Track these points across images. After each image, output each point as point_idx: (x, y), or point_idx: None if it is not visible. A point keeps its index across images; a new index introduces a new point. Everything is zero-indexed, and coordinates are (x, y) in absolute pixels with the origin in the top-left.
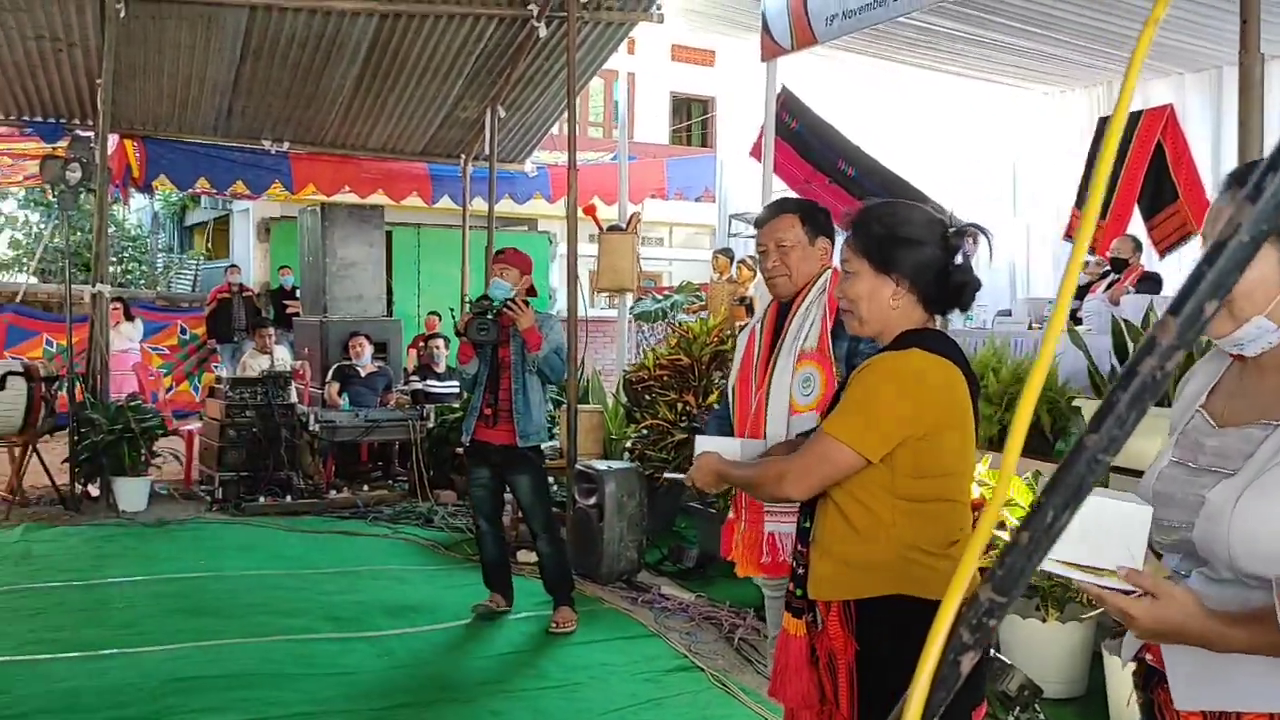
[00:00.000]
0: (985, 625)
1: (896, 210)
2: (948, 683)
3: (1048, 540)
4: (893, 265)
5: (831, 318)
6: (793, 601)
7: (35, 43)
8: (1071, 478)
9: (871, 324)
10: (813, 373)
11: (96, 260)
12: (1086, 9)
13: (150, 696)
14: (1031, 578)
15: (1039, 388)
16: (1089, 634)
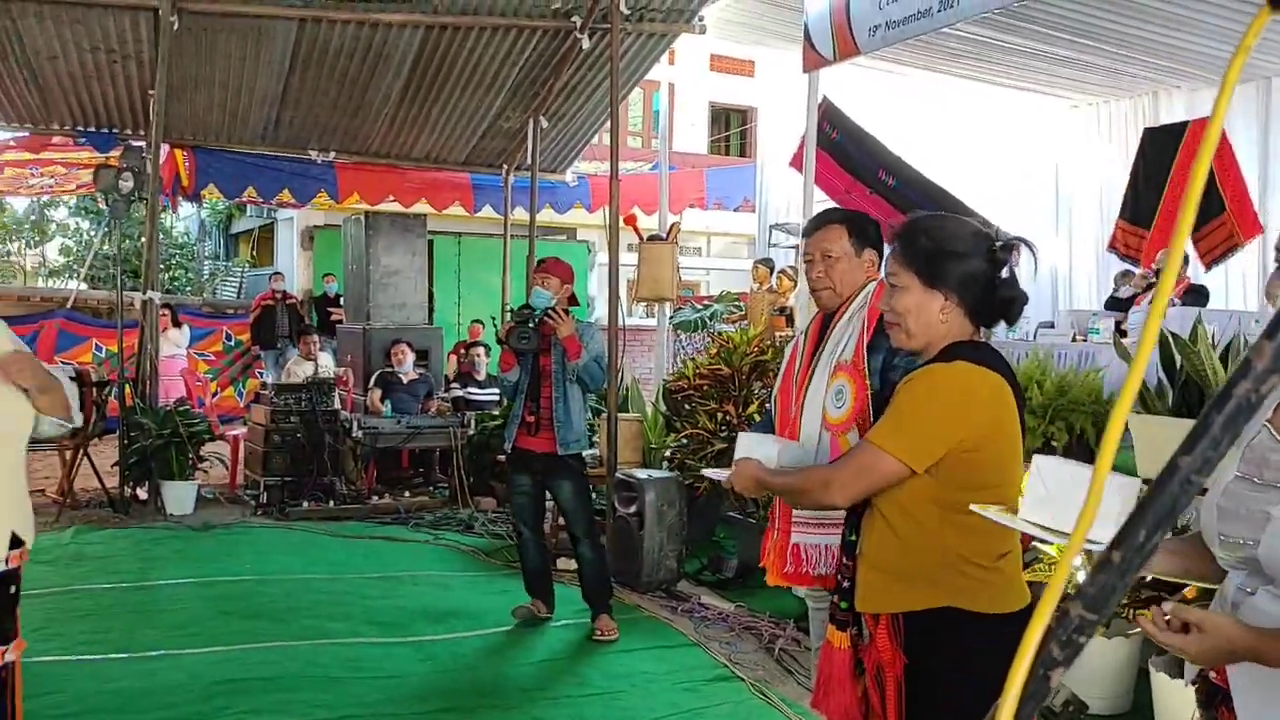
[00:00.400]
0: (1076, 642)
1: (944, 224)
2: (1037, 697)
3: (1139, 559)
4: (941, 279)
5: (870, 330)
6: (837, 614)
7: (91, 54)
8: (1165, 498)
9: (919, 337)
10: (845, 385)
11: (147, 267)
12: (1132, 19)
13: (199, 697)
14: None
15: (1128, 407)
16: (1135, 649)
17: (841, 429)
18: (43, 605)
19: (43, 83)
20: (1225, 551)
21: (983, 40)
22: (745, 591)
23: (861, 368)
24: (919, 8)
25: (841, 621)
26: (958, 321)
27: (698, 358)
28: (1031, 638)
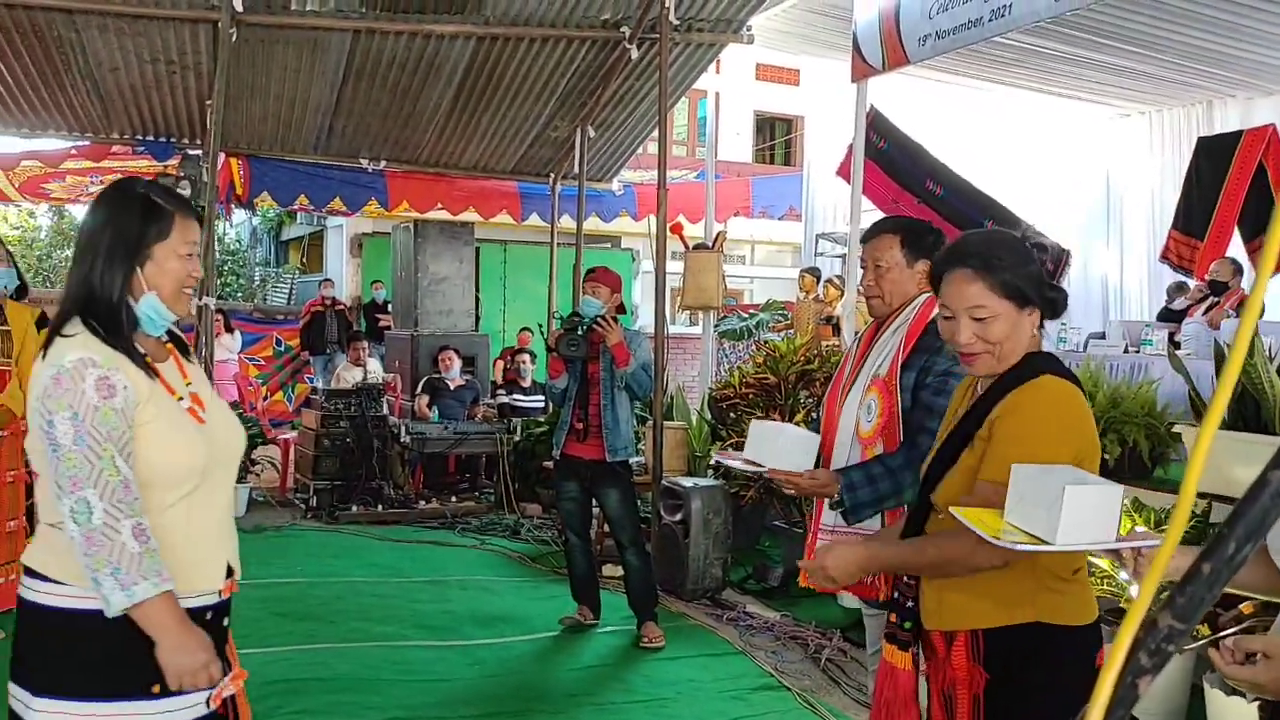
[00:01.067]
0: (1164, 650)
1: (1008, 242)
2: (1125, 704)
3: (1229, 571)
4: (1031, 298)
5: (907, 349)
6: (899, 634)
7: (151, 65)
8: (1256, 510)
9: (1009, 360)
10: (875, 399)
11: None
12: (1186, 27)
13: (252, 697)
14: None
15: (1216, 423)
16: (1189, 665)
17: (869, 443)
18: None
19: (104, 93)
20: None
21: (1033, 49)
22: (791, 600)
23: (893, 385)
24: (970, 17)
25: (904, 642)
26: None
27: (744, 366)
28: (1120, 645)
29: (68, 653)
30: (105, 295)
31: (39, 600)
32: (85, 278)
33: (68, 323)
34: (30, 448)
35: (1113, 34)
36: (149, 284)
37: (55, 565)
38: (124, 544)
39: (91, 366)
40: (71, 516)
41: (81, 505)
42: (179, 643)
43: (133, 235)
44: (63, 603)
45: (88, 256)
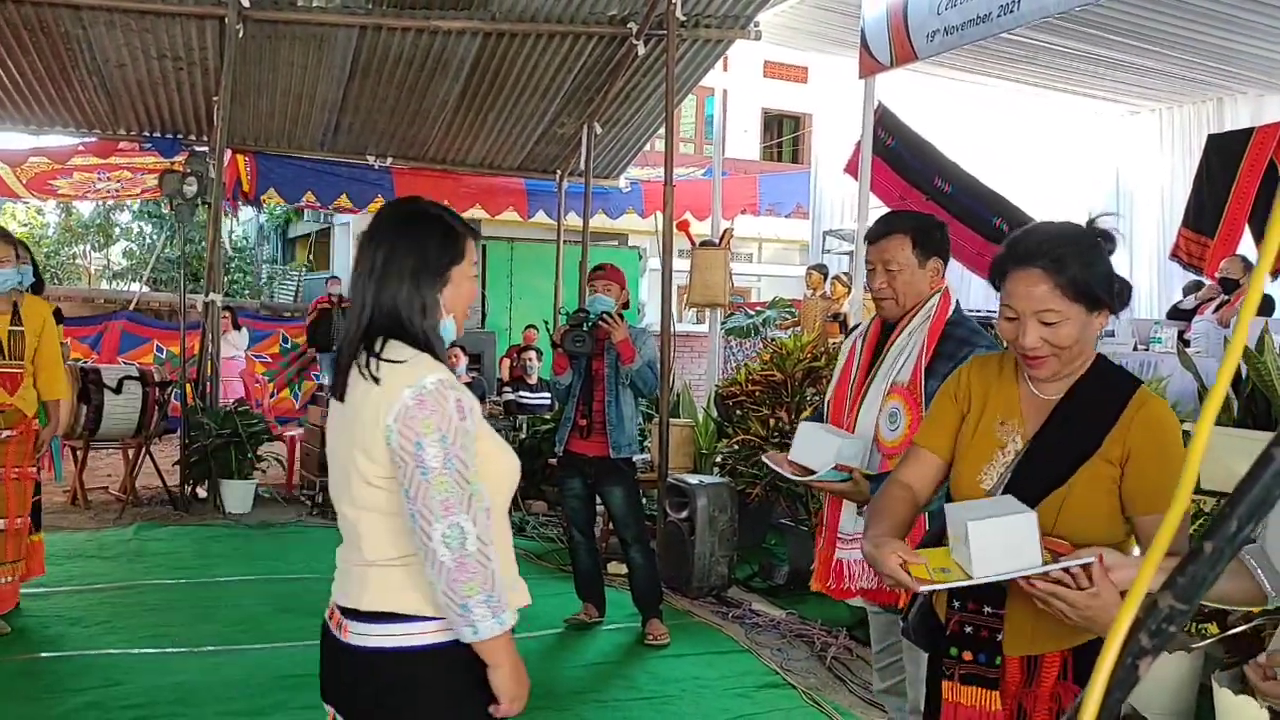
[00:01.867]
0: (1165, 631)
1: (1067, 235)
2: (1125, 685)
3: (1231, 550)
4: (1104, 298)
5: (929, 352)
6: (986, 674)
7: (158, 62)
8: (1258, 490)
9: (1075, 364)
10: (899, 408)
11: (210, 271)
12: (1195, 23)
13: (258, 692)
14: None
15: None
16: (1197, 664)
17: (893, 453)
18: (106, 600)
19: (111, 89)
20: None
21: (1042, 45)
22: (796, 598)
23: (918, 393)
24: (978, 13)
25: (992, 680)
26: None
27: (750, 363)
28: (1120, 627)
29: (444, 691)
30: (418, 318)
31: (410, 643)
32: (394, 301)
33: (384, 346)
34: (362, 473)
35: (1122, 30)
36: (446, 306)
37: (418, 601)
38: (494, 570)
39: (451, 388)
40: (444, 542)
41: (455, 531)
42: (516, 667)
43: (436, 259)
44: (434, 639)
45: (394, 280)
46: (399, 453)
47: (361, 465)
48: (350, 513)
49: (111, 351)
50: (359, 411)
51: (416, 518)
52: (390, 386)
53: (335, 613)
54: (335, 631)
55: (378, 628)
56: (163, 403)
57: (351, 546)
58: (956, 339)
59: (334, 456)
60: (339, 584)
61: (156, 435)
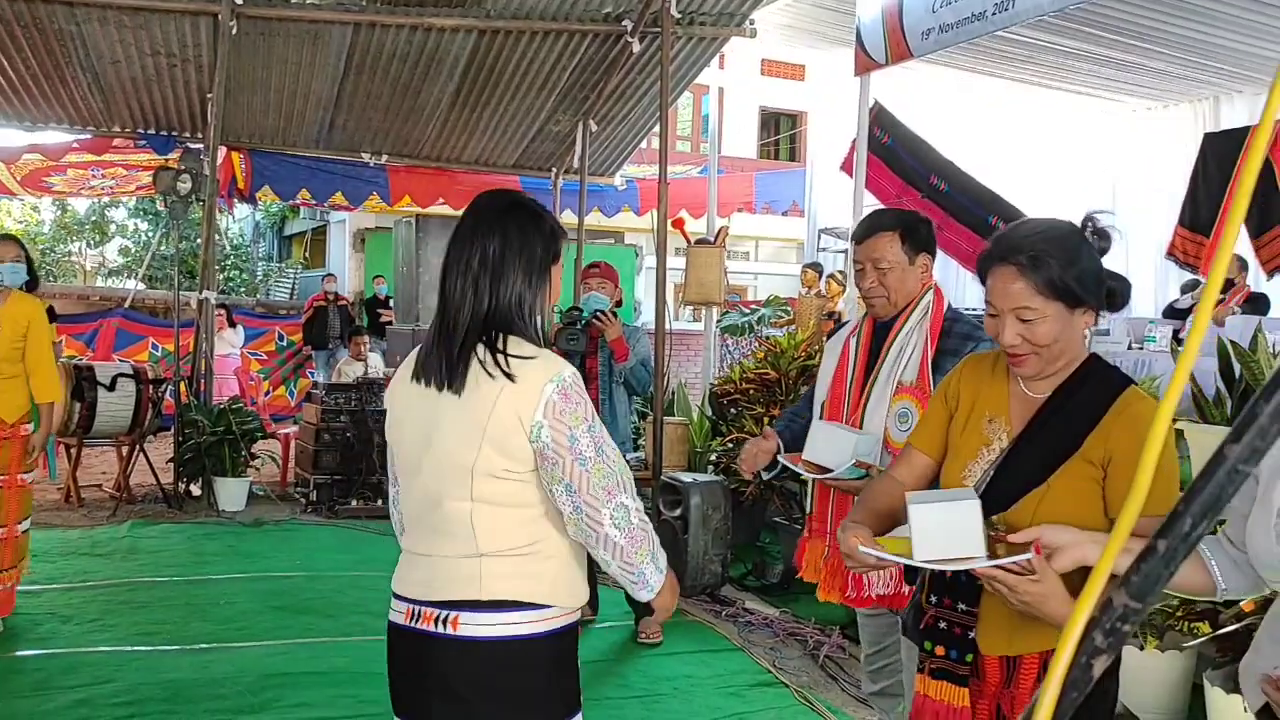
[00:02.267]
0: (1119, 630)
1: (1053, 232)
2: (1079, 685)
3: (1185, 549)
4: (1086, 297)
5: (933, 346)
6: (957, 670)
7: (152, 59)
8: (1212, 487)
9: (1058, 363)
10: (910, 408)
11: (203, 268)
12: (1191, 23)
13: (249, 690)
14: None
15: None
16: (1189, 664)
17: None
18: (99, 597)
19: (105, 86)
20: None
21: (1038, 44)
22: (790, 597)
23: (927, 389)
24: (973, 11)
25: (962, 677)
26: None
27: (745, 362)
28: (1074, 626)
29: (558, 674)
30: (531, 315)
31: (526, 631)
32: (511, 295)
33: (505, 341)
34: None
35: (1118, 29)
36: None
37: (533, 589)
38: (651, 530)
39: (579, 380)
40: (613, 523)
41: (620, 510)
42: (673, 589)
43: (544, 258)
44: (548, 626)
45: (511, 274)
46: (552, 447)
47: (490, 459)
48: (460, 506)
49: (106, 349)
50: (489, 406)
51: (582, 508)
52: (530, 383)
53: (425, 610)
54: (433, 627)
55: (497, 615)
56: (157, 400)
57: (450, 538)
58: (959, 335)
59: (431, 447)
60: (425, 579)
61: (150, 433)
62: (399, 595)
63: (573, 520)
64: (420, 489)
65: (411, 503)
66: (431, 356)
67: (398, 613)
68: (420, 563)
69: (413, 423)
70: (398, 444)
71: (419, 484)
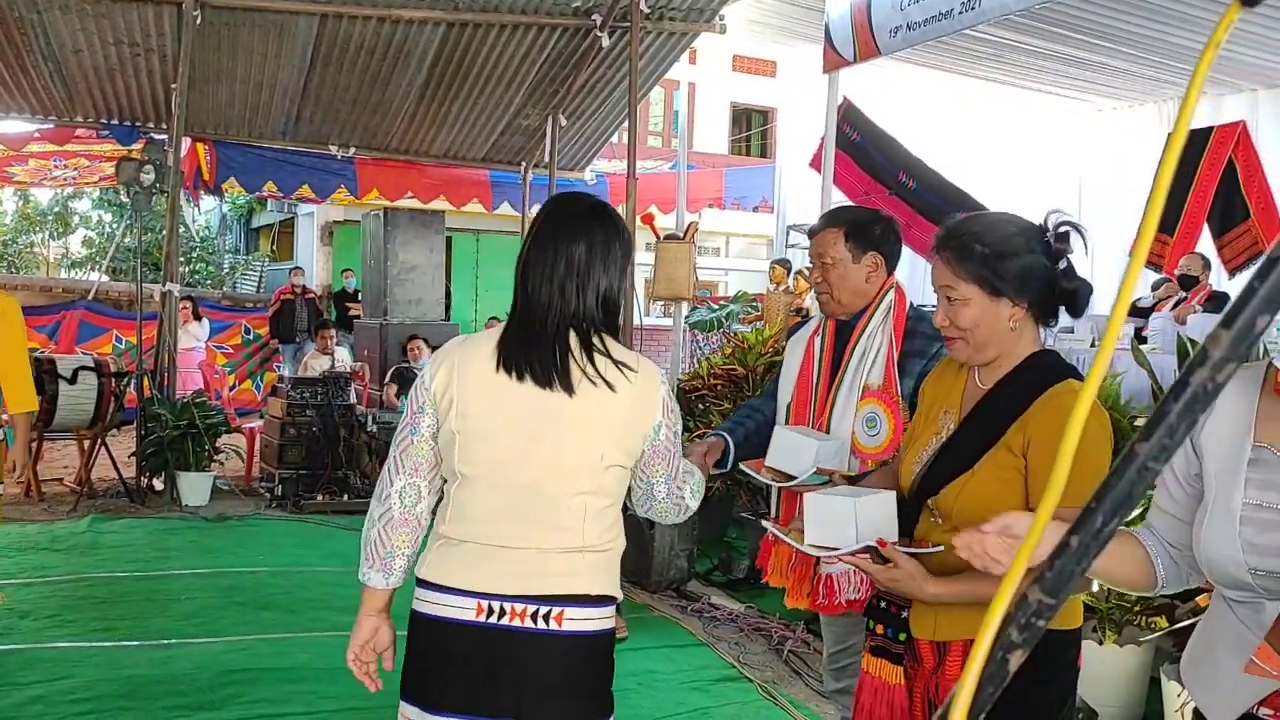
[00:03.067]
0: (1034, 625)
1: (995, 226)
2: (995, 679)
3: (1097, 545)
4: (1006, 286)
5: (898, 348)
6: (891, 648)
7: (115, 48)
8: (1123, 484)
9: (988, 351)
10: (878, 412)
11: (167, 260)
12: (1156, 23)
13: (210, 686)
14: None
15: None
16: (1147, 658)
17: (876, 459)
18: (57, 592)
19: (67, 75)
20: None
21: (1005, 43)
22: (755, 592)
23: (894, 393)
24: (940, 9)
25: (897, 655)
26: (1028, 327)
27: (713, 357)
28: (991, 622)
29: (612, 664)
30: (618, 318)
31: (609, 625)
32: (604, 299)
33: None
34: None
35: (1084, 29)
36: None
37: (617, 583)
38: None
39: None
40: (692, 493)
41: (698, 483)
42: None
43: (623, 261)
44: (613, 620)
45: (604, 279)
46: (665, 444)
47: (613, 456)
48: (578, 499)
49: (69, 341)
50: (616, 405)
51: (675, 491)
52: (648, 385)
53: (512, 605)
54: (531, 623)
55: (600, 610)
56: (119, 393)
57: (556, 531)
58: (924, 335)
59: (543, 441)
60: (514, 573)
61: (113, 426)
62: (456, 589)
63: (663, 503)
64: (520, 481)
65: (499, 494)
66: (524, 351)
67: (457, 608)
68: (503, 555)
69: (510, 416)
70: (485, 436)
71: (518, 476)
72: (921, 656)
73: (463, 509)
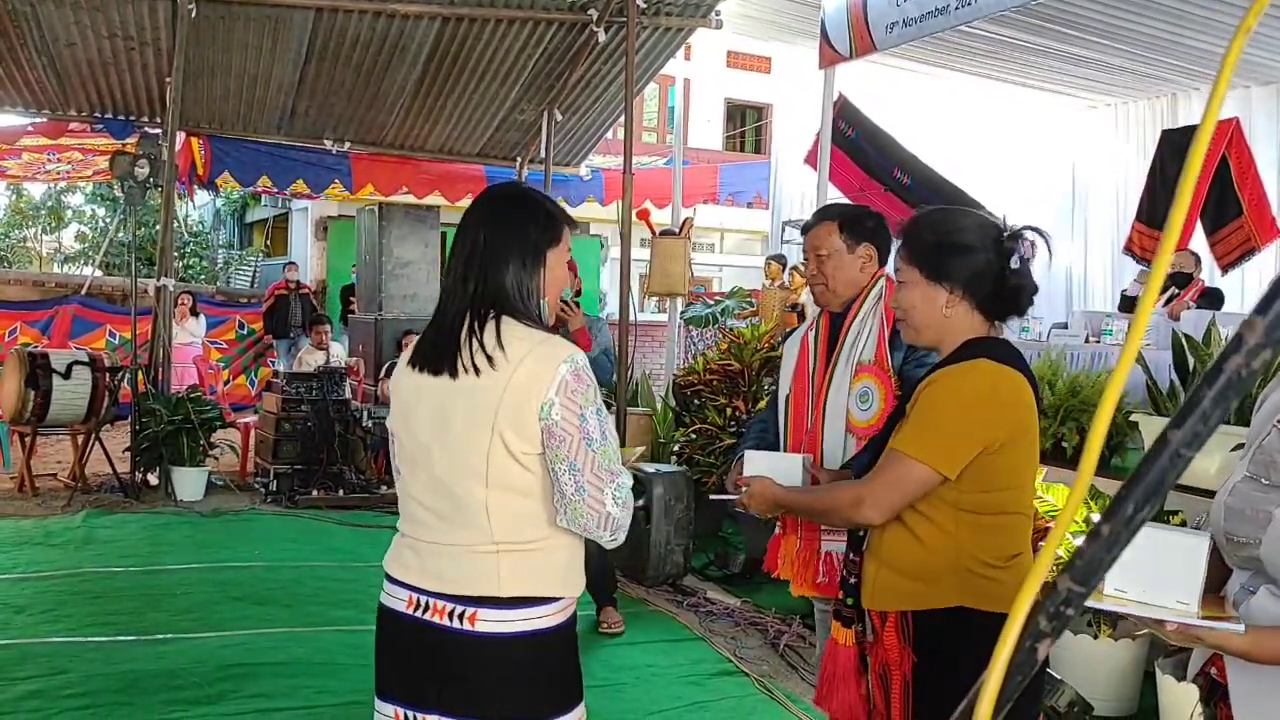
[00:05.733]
0: (1063, 614)
1: (949, 216)
2: (1024, 668)
3: (1128, 533)
4: (944, 273)
5: (889, 327)
6: (843, 610)
7: (109, 41)
8: (1155, 472)
9: (926, 333)
10: (870, 386)
11: (161, 255)
12: (1151, 19)
13: (205, 681)
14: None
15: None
16: (1141, 652)
17: (869, 432)
18: (52, 587)
19: (61, 69)
20: (1232, 550)
21: (1000, 39)
22: (751, 587)
23: (886, 367)
24: (936, 5)
25: (847, 618)
26: (965, 316)
27: (708, 353)
28: (1020, 609)
29: (564, 663)
30: (527, 300)
31: (543, 625)
32: (503, 280)
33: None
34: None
35: (1078, 25)
36: (542, 289)
37: (552, 583)
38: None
39: (588, 364)
40: (615, 502)
41: (621, 490)
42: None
43: (538, 241)
44: (562, 618)
45: (502, 259)
46: (561, 426)
47: (510, 443)
48: (477, 493)
49: (63, 336)
50: (500, 386)
51: (585, 488)
52: (542, 363)
53: (435, 602)
54: (446, 620)
55: (517, 612)
56: (113, 388)
57: (464, 528)
58: None
59: (443, 433)
60: (435, 570)
61: (107, 421)
62: (398, 580)
63: (573, 501)
64: (432, 477)
65: (420, 491)
66: (429, 343)
67: (395, 598)
68: (427, 550)
69: (420, 410)
70: (404, 433)
71: (430, 472)
72: (874, 626)
73: (402, 505)
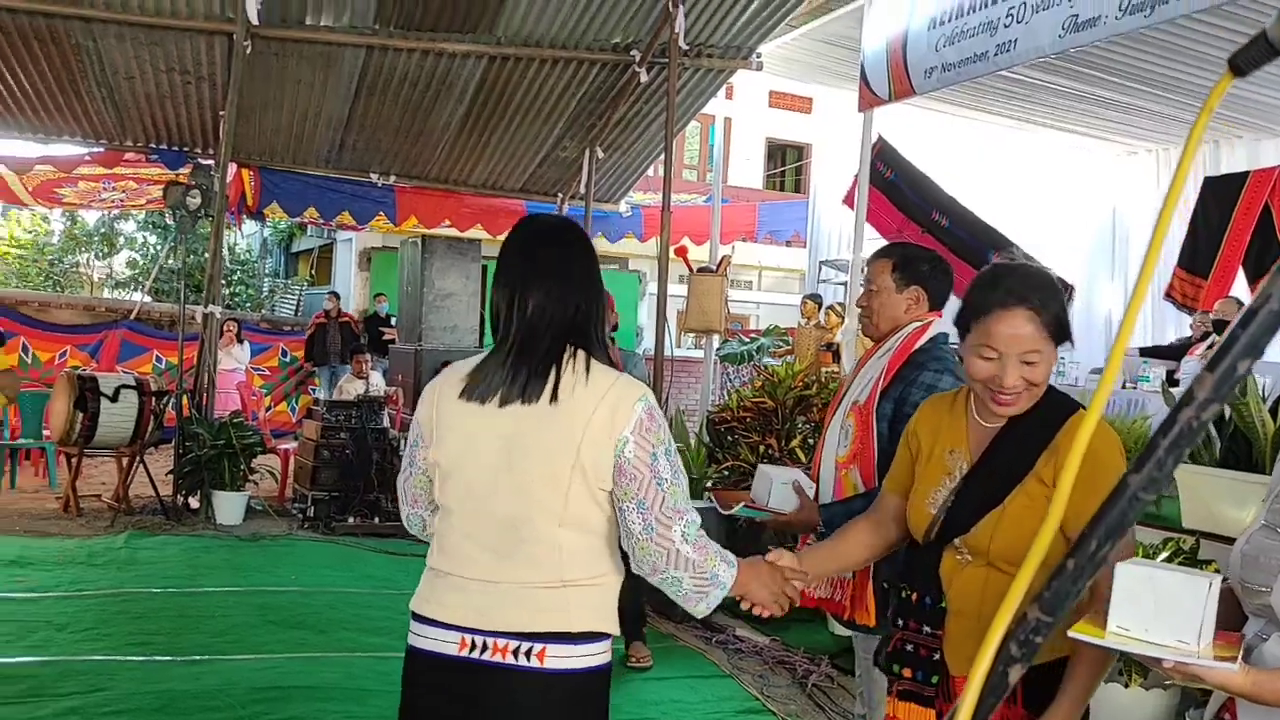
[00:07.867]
0: (1032, 641)
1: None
2: (997, 690)
3: (1092, 568)
4: (1068, 335)
5: (889, 376)
6: (924, 692)
7: (166, 75)
8: (1115, 514)
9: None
10: (850, 426)
11: (209, 282)
12: (1189, 67)
13: (239, 702)
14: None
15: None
16: (1173, 701)
17: (843, 467)
18: (94, 606)
19: (119, 101)
20: (1248, 598)
21: (1039, 84)
22: (781, 625)
23: (869, 411)
24: (975, 51)
25: (929, 699)
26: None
27: (743, 390)
28: (993, 638)
29: (606, 703)
30: (600, 330)
31: (600, 661)
32: (577, 311)
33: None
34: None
35: (1119, 72)
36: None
37: (611, 619)
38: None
39: (656, 402)
40: (684, 539)
41: (690, 527)
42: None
43: (598, 274)
44: (608, 655)
45: (577, 290)
46: (633, 464)
47: (590, 479)
48: (548, 530)
49: (111, 360)
50: (583, 421)
51: (654, 526)
52: (623, 399)
53: (494, 640)
54: (512, 659)
55: (584, 648)
56: (158, 412)
57: (531, 565)
58: (914, 364)
59: (511, 468)
60: (491, 607)
61: (151, 444)
62: (441, 622)
63: (641, 539)
64: (491, 513)
65: (475, 529)
66: (498, 373)
67: (442, 641)
68: (478, 589)
69: (481, 445)
70: (456, 468)
71: (489, 508)
72: (955, 694)
73: (444, 541)
